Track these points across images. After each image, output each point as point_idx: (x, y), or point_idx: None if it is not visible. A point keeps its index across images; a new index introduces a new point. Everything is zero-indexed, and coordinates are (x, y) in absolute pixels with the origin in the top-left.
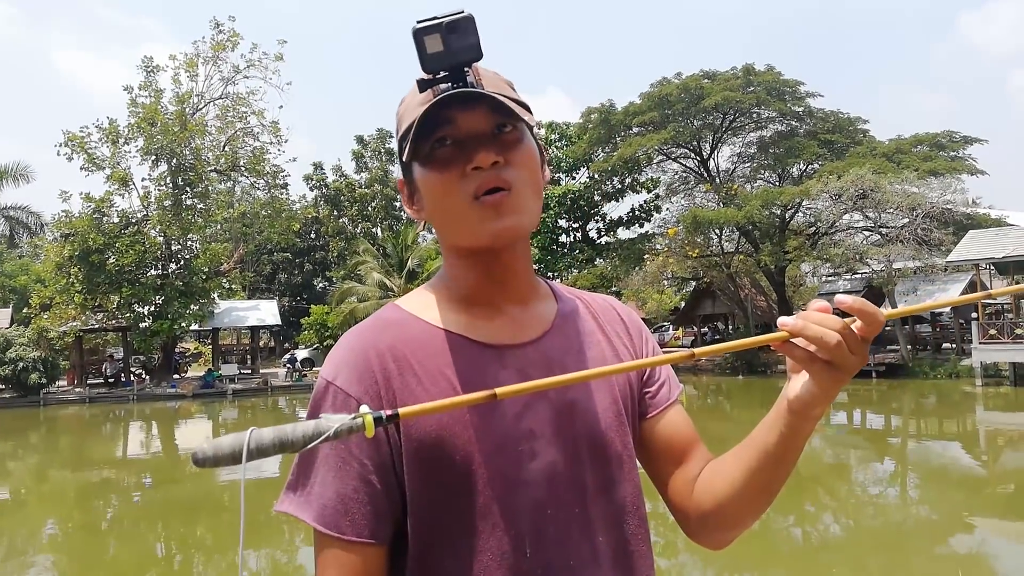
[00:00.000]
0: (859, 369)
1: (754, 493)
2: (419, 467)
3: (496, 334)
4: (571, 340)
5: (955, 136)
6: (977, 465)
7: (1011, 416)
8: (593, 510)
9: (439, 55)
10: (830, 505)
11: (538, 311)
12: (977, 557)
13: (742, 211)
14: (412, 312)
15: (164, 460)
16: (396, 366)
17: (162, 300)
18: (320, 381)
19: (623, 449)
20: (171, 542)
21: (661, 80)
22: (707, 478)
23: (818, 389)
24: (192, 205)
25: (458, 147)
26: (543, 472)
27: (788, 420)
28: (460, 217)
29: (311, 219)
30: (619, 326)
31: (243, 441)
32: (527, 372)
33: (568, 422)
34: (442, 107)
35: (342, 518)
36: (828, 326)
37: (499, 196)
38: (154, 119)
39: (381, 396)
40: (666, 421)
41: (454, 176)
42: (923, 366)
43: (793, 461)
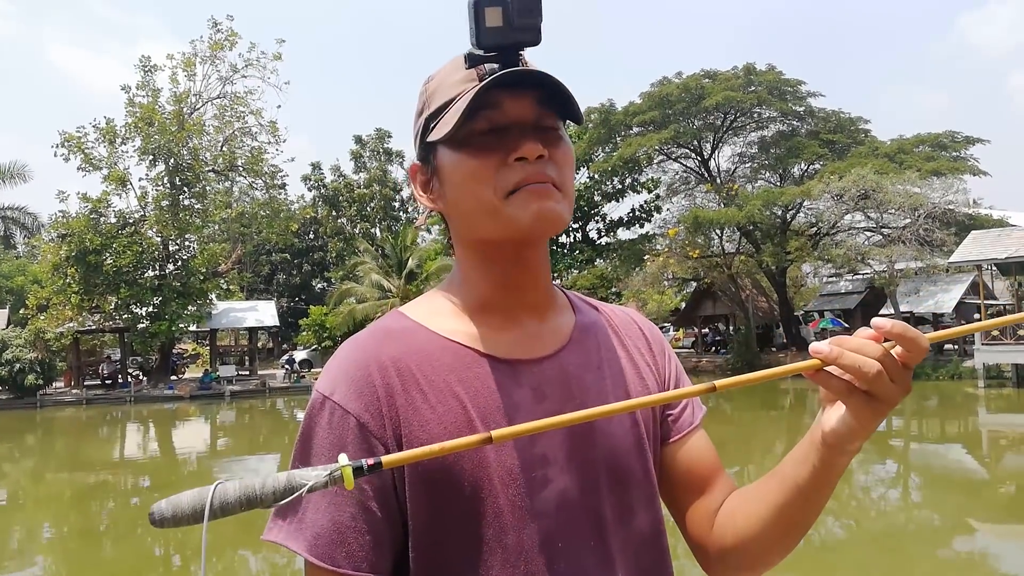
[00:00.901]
0: (902, 399)
1: (781, 531)
2: (424, 494)
3: (510, 347)
4: (590, 355)
5: (957, 136)
6: (979, 467)
7: (1014, 417)
8: (611, 542)
9: (497, 30)
10: (832, 507)
11: (555, 323)
12: (979, 559)
13: (743, 211)
14: (418, 321)
15: (161, 462)
16: (400, 381)
17: (160, 301)
18: (316, 396)
19: (644, 476)
20: (169, 545)
21: (661, 80)
22: (729, 511)
23: (856, 422)
24: (190, 205)
25: (499, 134)
26: (555, 502)
27: (822, 454)
28: (492, 210)
29: (309, 219)
30: (641, 341)
31: (205, 498)
32: (543, 390)
33: (585, 447)
34: (489, 88)
35: (337, 548)
36: (867, 353)
37: (545, 187)
38: (151, 119)
39: (383, 413)
40: (689, 447)
41: (492, 164)
42: (925, 367)
43: (825, 498)
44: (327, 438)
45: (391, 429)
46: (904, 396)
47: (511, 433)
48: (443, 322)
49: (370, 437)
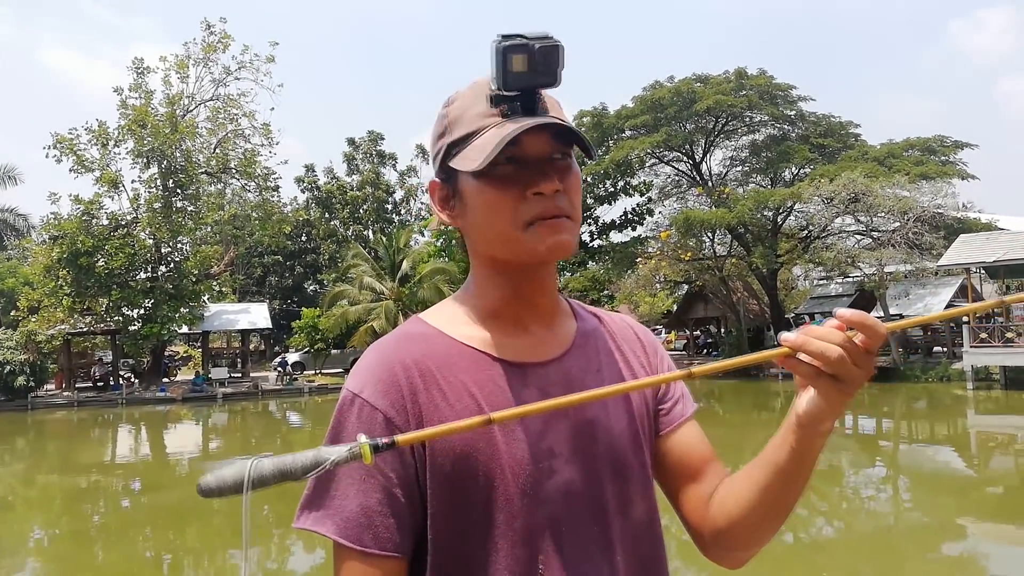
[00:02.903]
0: (865, 382)
1: (766, 511)
2: (443, 482)
3: (520, 352)
4: (591, 359)
5: (946, 141)
6: (968, 468)
7: (1002, 419)
8: (612, 529)
9: (521, 75)
10: (823, 508)
11: (560, 330)
12: (968, 560)
13: (733, 212)
14: (437, 327)
15: (153, 464)
16: (422, 381)
17: (151, 303)
18: (346, 394)
19: (640, 468)
20: (160, 548)
21: (653, 83)
22: (721, 496)
23: (825, 403)
24: (182, 207)
25: (518, 166)
26: (560, 490)
27: (798, 436)
28: (509, 239)
29: (302, 222)
30: (636, 345)
31: (245, 471)
32: (548, 391)
33: (587, 441)
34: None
35: (365, 531)
36: (831, 340)
37: (560, 221)
38: (144, 121)
39: (407, 410)
40: (681, 438)
41: (512, 197)
42: (914, 370)
43: (805, 478)
44: (356, 431)
45: (414, 423)
46: (867, 378)
47: (509, 415)
48: (459, 328)
49: (395, 429)
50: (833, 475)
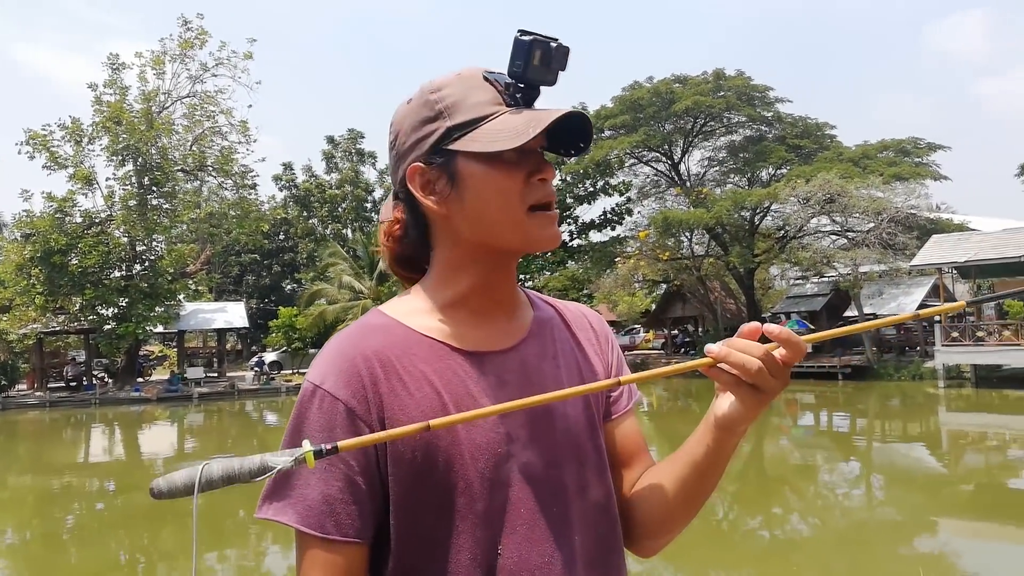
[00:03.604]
0: (781, 391)
1: (680, 503)
2: (404, 468)
3: (477, 341)
4: (547, 347)
5: (920, 143)
6: (940, 465)
7: (973, 417)
8: (570, 511)
9: (536, 69)
10: (798, 506)
11: (517, 319)
12: (940, 556)
13: (711, 212)
14: (396, 318)
15: (127, 465)
16: (383, 371)
17: (126, 302)
18: (307, 385)
19: (596, 451)
20: (134, 549)
21: (633, 84)
22: (642, 487)
23: (743, 408)
24: (158, 205)
25: (520, 154)
26: (519, 473)
27: (715, 435)
28: (517, 222)
29: (280, 220)
30: (590, 333)
31: (195, 475)
32: (505, 378)
33: (544, 425)
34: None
35: (327, 518)
36: (751, 353)
37: (555, 213)
38: (119, 117)
39: (368, 400)
40: (622, 427)
41: (518, 182)
42: (888, 368)
43: (718, 473)
44: (318, 422)
45: (376, 413)
46: (783, 388)
47: (447, 422)
48: (418, 319)
49: (357, 420)
50: (809, 473)
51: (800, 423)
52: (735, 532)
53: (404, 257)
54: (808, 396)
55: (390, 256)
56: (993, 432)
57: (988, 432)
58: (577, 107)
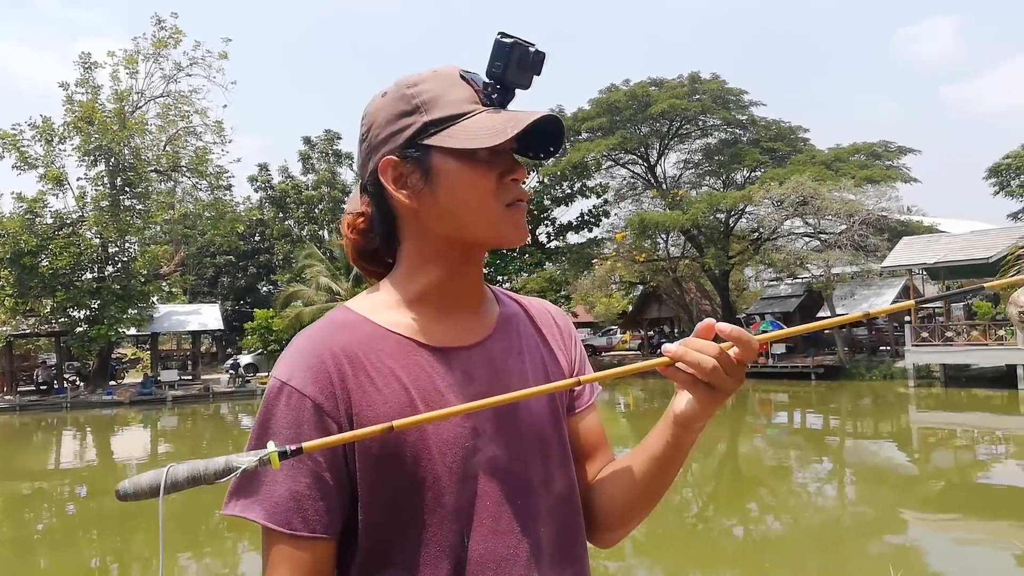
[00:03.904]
0: (737, 388)
1: (640, 496)
2: (371, 464)
3: (444, 336)
4: (512, 342)
5: (890, 146)
6: (910, 463)
7: (942, 415)
8: (535, 503)
9: (514, 72)
10: (772, 504)
11: (483, 315)
12: (911, 552)
13: (687, 214)
14: (362, 314)
15: (99, 470)
16: (350, 367)
17: (98, 304)
18: (273, 382)
19: (560, 444)
20: (107, 553)
21: (609, 86)
22: (602, 480)
23: (699, 406)
24: (131, 206)
25: (493, 155)
26: (486, 467)
27: (673, 431)
28: (493, 218)
29: (256, 221)
30: (554, 329)
31: (161, 477)
32: (472, 373)
33: (510, 419)
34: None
35: (294, 514)
36: (706, 352)
37: (526, 206)
38: (91, 117)
39: (336, 396)
40: (584, 422)
41: (492, 181)
42: (859, 368)
43: (676, 468)
44: (286, 418)
45: (344, 409)
46: (738, 386)
47: (411, 422)
48: (384, 315)
49: (325, 417)
50: (782, 471)
51: (774, 422)
52: (711, 530)
53: (367, 251)
54: (782, 396)
55: (353, 249)
56: (962, 430)
57: (957, 430)
58: (554, 111)
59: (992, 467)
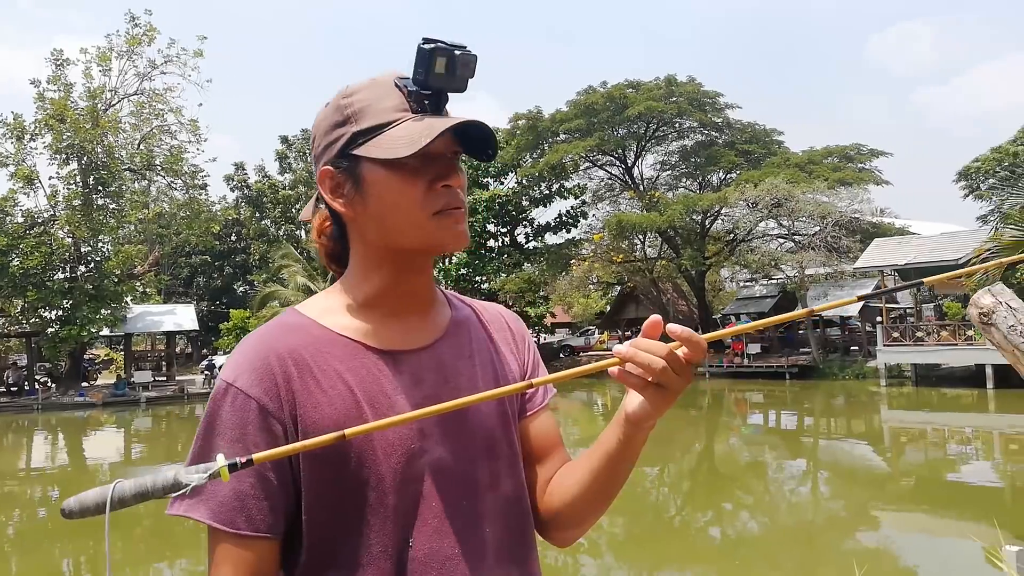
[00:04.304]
0: (686, 388)
1: (594, 494)
2: (316, 465)
3: (392, 340)
4: (463, 346)
5: (862, 149)
6: (882, 462)
7: (912, 414)
8: (481, 504)
9: (440, 77)
10: (747, 502)
11: (434, 318)
12: (883, 549)
13: (664, 216)
14: (312, 317)
15: (72, 472)
16: (296, 369)
17: (70, 304)
18: (220, 383)
19: (509, 446)
20: (79, 558)
21: (587, 88)
22: (558, 480)
23: (650, 406)
24: (104, 205)
25: (425, 160)
26: (431, 469)
27: (625, 430)
28: (422, 224)
29: (232, 221)
30: (506, 333)
31: (107, 494)
32: (420, 376)
33: (458, 422)
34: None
35: (238, 514)
36: (655, 353)
37: (462, 212)
38: (63, 115)
39: (281, 397)
40: (537, 423)
41: (420, 188)
42: (833, 368)
43: (628, 466)
44: (231, 419)
45: (288, 411)
46: (687, 386)
47: (363, 430)
48: (333, 318)
49: (269, 418)
50: (757, 469)
51: (749, 421)
52: (688, 528)
53: (335, 254)
54: (757, 395)
55: (323, 252)
56: (932, 429)
57: (928, 429)
58: (530, 112)
59: (961, 465)
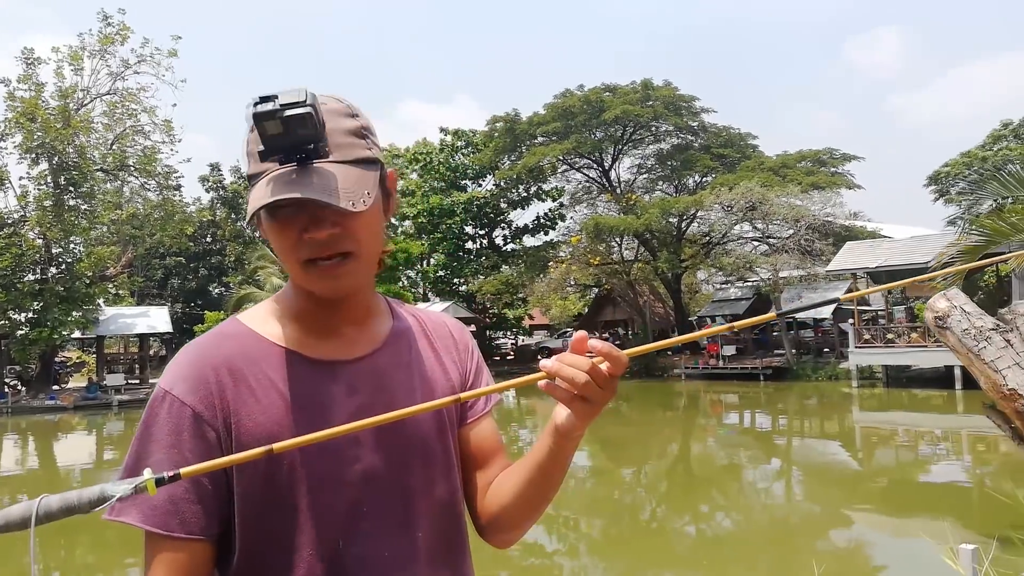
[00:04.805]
0: (609, 400)
1: (527, 500)
2: (248, 470)
3: (329, 350)
4: (402, 356)
5: (835, 153)
6: (854, 462)
7: (883, 415)
8: (414, 508)
9: (277, 137)
10: (722, 503)
11: (372, 329)
12: (855, 547)
13: (641, 219)
14: (251, 327)
15: (42, 477)
16: (231, 378)
17: (40, 306)
18: (158, 390)
19: (443, 454)
20: (49, 563)
21: (564, 92)
22: (496, 485)
23: (576, 418)
24: (75, 206)
25: (298, 209)
26: (363, 475)
27: (555, 439)
28: (296, 271)
29: (207, 222)
30: (449, 341)
31: (32, 508)
32: (357, 386)
33: (392, 430)
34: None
35: (172, 518)
36: (579, 368)
37: (334, 263)
38: (34, 114)
39: (215, 405)
40: (478, 429)
41: (291, 238)
42: (806, 369)
43: (560, 473)
44: (167, 425)
45: (222, 418)
46: (611, 398)
47: (291, 444)
48: (272, 328)
49: (204, 425)
50: (732, 470)
51: (725, 422)
52: (664, 528)
53: None
54: (732, 397)
55: None
56: (903, 429)
57: (898, 430)
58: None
59: (929, 465)
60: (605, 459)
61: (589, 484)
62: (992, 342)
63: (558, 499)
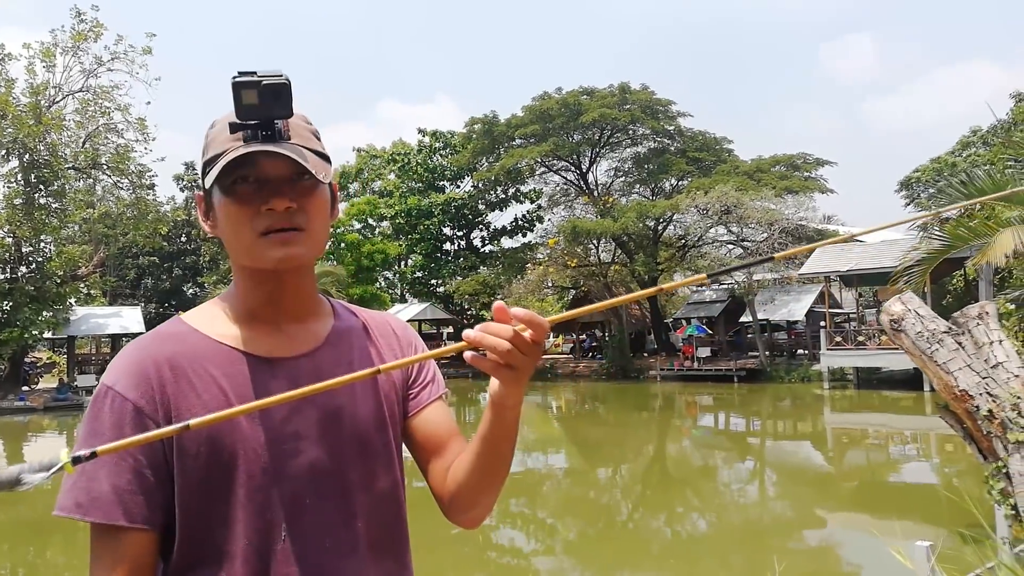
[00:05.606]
0: (535, 367)
1: (480, 475)
2: (188, 462)
3: (271, 348)
4: (343, 354)
5: (808, 158)
6: (825, 462)
7: (854, 416)
8: (355, 500)
9: (253, 107)
10: (695, 503)
11: (314, 328)
12: (827, 546)
13: (618, 222)
14: (193, 326)
15: None
16: (172, 375)
17: (10, 306)
18: (100, 386)
19: (384, 446)
20: (18, 567)
21: (542, 94)
22: (453, 466)
23: (505, 388)
24: (46, 204)
25: (257, 186)
26: (304, 468)
27: (494, 411)
28: (249, 246)
29: (181, 222)
30: (392, 339)
31: None
32: (298, 382)
33: (333, 425)
34: (248, 151)
35: (115, 508)
36: (502, 336)
37: (289, 234)
38: (4, 111)
39: (156, 400)
40: (426, 418)
41: (249, 212)
42: (779, 371)
43: (508, 445)
44: (109, 419)
45: (163, 412)
46: (535, 364)
47: (207, 420)
48: (215, 327)
49: (145, 418)
50: (707, 471)
51: (699, 423)
52: (641, 528)
53: None
54: (706, 398)
55: None
56: (873, 430)
57: (869, 431)
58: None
59: (898, 465)
60: (581, 460)
61: (565, 485)
62: (944, 344)
63: (535, 500)
